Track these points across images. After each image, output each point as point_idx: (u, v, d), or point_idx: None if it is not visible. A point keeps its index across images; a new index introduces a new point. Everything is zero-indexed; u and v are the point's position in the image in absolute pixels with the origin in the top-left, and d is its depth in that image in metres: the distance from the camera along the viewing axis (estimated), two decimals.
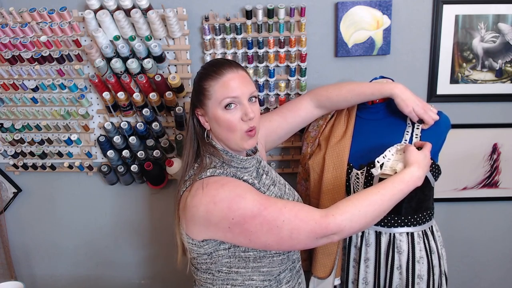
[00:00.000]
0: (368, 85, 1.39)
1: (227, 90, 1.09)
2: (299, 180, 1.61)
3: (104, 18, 1.55)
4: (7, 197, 1.92)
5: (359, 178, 1.39)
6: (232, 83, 1.10)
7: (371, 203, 1.09)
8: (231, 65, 1.14)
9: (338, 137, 1.45)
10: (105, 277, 2.03)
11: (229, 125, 1.11)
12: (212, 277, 1.17)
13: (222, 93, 1.09)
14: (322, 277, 1.48)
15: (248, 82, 1.14)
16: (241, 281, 1.17)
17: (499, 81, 1.75)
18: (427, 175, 1.32)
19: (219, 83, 1.10)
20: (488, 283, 2.02)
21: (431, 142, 1.28)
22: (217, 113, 1.11)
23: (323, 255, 1.46)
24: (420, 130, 1.37)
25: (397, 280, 1.39)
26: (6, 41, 1.64)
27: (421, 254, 1.38)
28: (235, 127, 1.11)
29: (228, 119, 1.10)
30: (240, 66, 1.16)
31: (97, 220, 1.95)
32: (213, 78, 1.11)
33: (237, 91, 1.10)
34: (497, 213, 1.92)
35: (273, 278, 1.20)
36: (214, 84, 1.11)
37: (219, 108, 1.10)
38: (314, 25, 1.68)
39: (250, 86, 1.13)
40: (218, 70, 1.11)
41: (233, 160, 1.16)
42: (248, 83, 1.13)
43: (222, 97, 1.09)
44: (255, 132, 1.14)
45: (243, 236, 1.06)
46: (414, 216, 1.38)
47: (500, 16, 1.68)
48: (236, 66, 1.14)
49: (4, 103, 1.75)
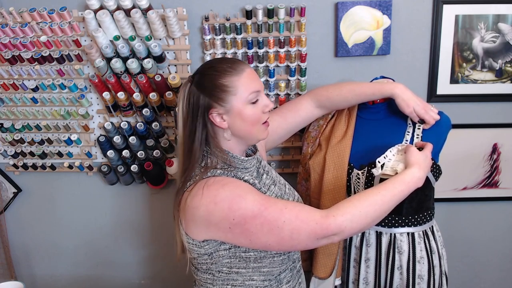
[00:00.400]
0: (369, 85, 1.39)
1: (252, 84, 1.11)
2: (300, 180, 1.61)
3: (104, 18, 1.55)
4: (7, 197, 1.92)
5: (360, 178, 1.39)
6: (254, 77, 1.13)
7: (372, 203, 1.09)
8: (242, 61, 1.16)
9: (339, 137, 1.45)
10: (105, 277, 2.03)
11: (254, 119, 1.13)
12: (212, 277, 1.17)
13: (248, 88, 1.10)
14: (323, 277, 1.48)
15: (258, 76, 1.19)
16: (241, 281, 1.17)
17: (499, 81, 1.75)
18: (428, 176, 1.32)
19: (243, 78, 1.10)
20: (488, 283, 2.02)
21: (431, 142, 1.28)
22: (245, 108, 1.11)
23: (323, 255, 1.46)
24: (421, 130, 1.37)
25: (397, 280, 1.39)
26: (6, 41, 1.64)
27: (422, 254, 1.38)
28: (259, 120, 1.14)
29: (255, 113, 1.12)
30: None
31: (97, 220, 1.95)
32: (233, 74, 1.10)
33: (258, 85, 1.13)
34: (497, 213, 1.92)
35: (273, 278, 1.19)
36: (236, 79, 1.09)
37: (246, 103, 1.11)
38: (314, 25, 1.68)
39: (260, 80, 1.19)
40: (236, 66, 1.11)
41: (234, 161, 1.16)
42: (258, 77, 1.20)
43: (249, 91, 1.10)
44: (268, 123, 1.18)
45: (244, 236, 1.06)
46: (415, 216, 1.38)
47: (500, 16, 1.68)
48: (245, 62, 1.18)
49: (4, 103, 1.75)
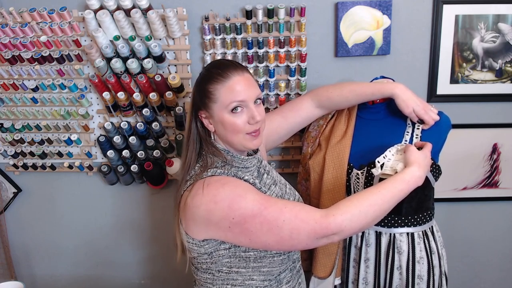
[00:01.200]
0: (369, 85, 1.39)
1: (234, 94, 1.08)
2: (300, 180, 1.61)
3: (104, 18, 1.55)
4: (7, 197, 1.92)
5: (360, 178, 1.39)
6: (238, 86, 1.08)
7: (372, 203, 1.09)
8: (236, 67, 1.12)
9: (339, 137, 1.45)
10: (105, 277, 2.03)
11: (235, 129, 1.10)
12: (212, 277, 1.17)
13: (228, 97, 1.08)
14: (323, 277, 1.48)
15: (253, 85, 1.12)
16: (241, 281, 1.17)
17: (499, 81, 1.75)
18: (427, 175, 1.32)
19: (225, 87, 1.09)
20: (488, 283, 2.02)
21: (431, 142, 1.28)
22: (224, 116, 1.10)
23: (323, 255, 1.46)
24: (421, 130, 1.37)
25: (397, 280, 1.39)
26: (6, 41, 1.64)
27: (421, 255, 1.38)
28: (240, 130, 1.11)
29: (234, 122, 1.09)
30: (245, 68, 1.14)
31: (97, 220, 1.95)
32: (218, 81, 1.09)
33: (243, 95, 1.09)
34: (497, 213, 1.92)
35: (273, 278, 1.19)
36: (219, 87, 1.09)
37: (225, 111, 1.09)
38: (314, 25, 1.68)
39: (255, 89, 1.12)
40: (223, 72, 1.10)
41: (235, 160, 1.16)
42: (253, 86, 1.12)
43: (229, 101, 1.08)
44: (259, 133, 1.14)
45: (244, 235, 1.06)
46: (415, 216, 1.38)
47: (500, 16, 1.68)
48: (241, 69, 1.12)
49: (4, 103, 1.75)
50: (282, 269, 1.20)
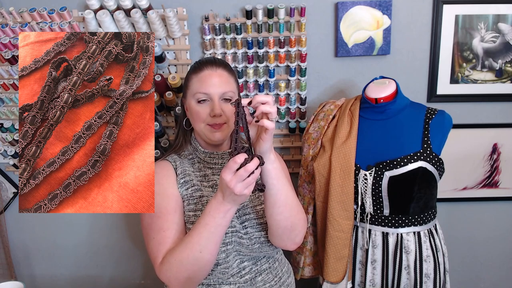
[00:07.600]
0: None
1: (201, 85, 1.15)
2: (301, 183, 1.57)
3: (104, 18, 1.55)
4: (7, 197, 1.92)
5: (368, 179, 1.38)
6: (207, 80, 1.15)
7: (184, 248, 1.01)
8: (213, 63, 1.18)
9: (343, 138, 1.43)
10: (105, 277, 2.03)
11: (198, 117, 1.16)
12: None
13: (196, 88, 1.16)
14: (335, 281, 1.44)
15: (224, 82, 1.15)
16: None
17: (499, 81, 1.75)
18: (432, 172, 1.32)
19: (197, 78, 1.17)
20: (488, 283, 2.02)
21: (438, 140, 1.28)
22: (191, 104, 1.17)
23: (335, 260, 1.42)
24: (429, 128, 1.36)
25: (405, 280, 1.39)
26: (6, 41, 1.64)
27: (428, 253, 1.38)
28: (202, 119, 1.15)
29: (197, 111, 1.15)
30: (222, 65, 1.18)
31: (97, 220, 1.95)
32: (194, 72, 1.18)
33: (210, 88, 1.14)
34: (497, 213, 1.92)
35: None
36: (193, 77, 1.18)
37: (193, 100, 1.16)
38: (314, 25, 1.68)
39: (224, 86, 1.15)
40: (200, 66, 1.18)
41: (198, 150, 1.21)
42: (224, 83, 1.15)
43: (196, 91, 1.15)
44: (220, 127, 1.15)
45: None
46: (421, 215, 1.38)
47: (500, 16, 1.68)
48: (218, 65, 1.17)
49: (4, 103, 1.75)
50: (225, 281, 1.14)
